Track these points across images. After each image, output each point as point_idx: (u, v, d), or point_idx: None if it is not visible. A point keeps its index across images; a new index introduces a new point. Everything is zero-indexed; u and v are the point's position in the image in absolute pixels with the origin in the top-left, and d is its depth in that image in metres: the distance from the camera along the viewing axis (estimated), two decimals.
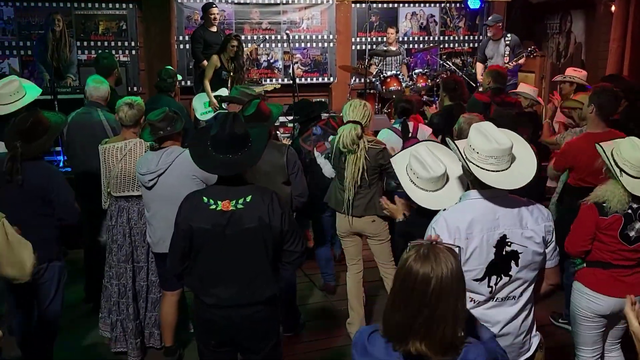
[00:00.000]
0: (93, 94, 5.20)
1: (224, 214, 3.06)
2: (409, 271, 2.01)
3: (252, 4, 9.58)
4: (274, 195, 3.17)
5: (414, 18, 10.49)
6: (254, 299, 3.16)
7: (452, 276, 1.99)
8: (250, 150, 3.14)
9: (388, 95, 8.98)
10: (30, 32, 8.75)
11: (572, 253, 3.75)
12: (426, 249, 2.03)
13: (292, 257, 3.25)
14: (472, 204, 2.79)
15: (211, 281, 3.16)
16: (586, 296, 3.68)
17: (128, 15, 9.13)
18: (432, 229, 2.76)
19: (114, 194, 4.46)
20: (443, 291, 1.98)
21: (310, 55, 10.06)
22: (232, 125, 3.09)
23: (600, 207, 3.57)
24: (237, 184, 3.13)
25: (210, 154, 3.11)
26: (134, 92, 8.85)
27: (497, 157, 2.69)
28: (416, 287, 1.99)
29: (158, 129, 4.09)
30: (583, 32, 10.33)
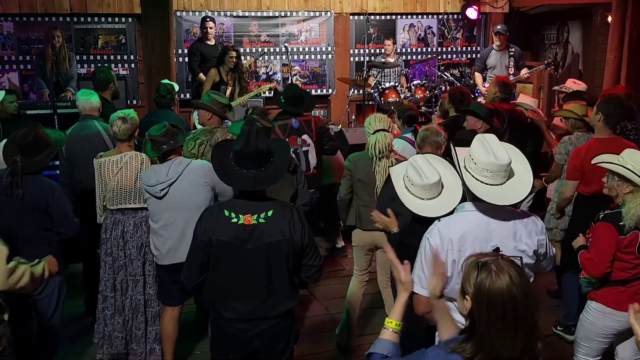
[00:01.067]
0: (86, 107, 5.29)
1: (245, 227, 3.10)
2: (491, 292, 1.99)
3: (250, 17, 9.64)
4: (294, 210, 3.23)
5: (411, 30, 10.54)
6: (273, 313, 3.20)
7: (527, 285, 2.02)
8: (274, 165, 3.19)
9: (386, 106, 8.99)
10: (29, 46, 8.79)
11: (595, 275, 3.67)
12: (496, 265, 2.02)
13: (311, 271, 3.30)
14: (466, 216, 2.81)
15: (231, 294, 3.18)
16: (609, 316, 3.66)
17: (127, 29, 9.19)
18: (427, 239, 2.79)
19: (110, 207, 4.48)
20: (528, 302, 1.99)
21: (308, 67, 10.10)
22: (256, 140, 3.13)
23: (617, 226, 3.56)
24: (259, 198, 3.18)
25: (233, 168, 3.16)
26: (133, 105, 8.90)
27: (492, 171, 2.71)
28: (507, 305, 1.97)
29: (161, 144, 4.12)
30: (580, 43, 10.38)
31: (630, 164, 3.54)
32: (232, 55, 7.72)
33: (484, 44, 10.87)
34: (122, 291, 4.48)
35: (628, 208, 3.52)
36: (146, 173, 4.21)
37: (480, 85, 8.92)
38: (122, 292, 4.48)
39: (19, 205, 3.89)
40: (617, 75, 8.22)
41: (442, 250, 2.70)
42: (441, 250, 2.70)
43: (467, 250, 2.71)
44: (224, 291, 3.19)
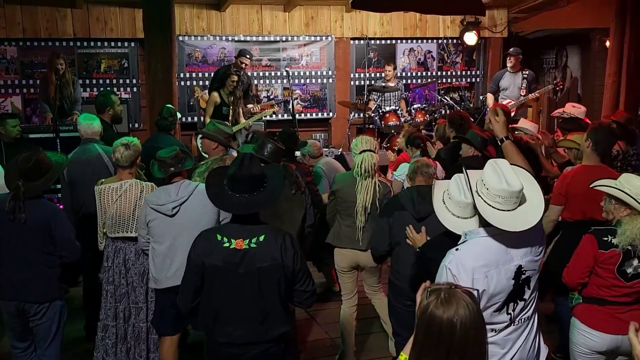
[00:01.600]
0: (87, 131, 5.31)
1: (237, 252, 3.12)
2: (432, 317, 2.01)
3: (252, 41, 9.73)
4: (286, 236, 3.23)
5: (411, 54, 10.63)
6: (266, 337, 3.20)
7: (474, 318, 2.01)
8: (266, 190, 3.22)
9: (387, 130, 9.05)
10: (33, 70, 8.88)
11: (570, 284, 3.78)
12: (447, 293, 2.04)
13: (304, 297, 3.31)
14: (483, 242, 2.81)
15: (223, 319, 3.19)
16: (582, 332, 3.70)
17: (130, 53, 9.28)
18: (448, 269, 2.74)
19: (110, 234, 4.47)
20: (469, 335, 1.99)
21: (309, 91, 10.18)
22: (249, 165, 3.18)
23: (600, 240, 3.61)
24: (252, 223, 3.20)
25: (226, 193, 3.19)
26: (135, 129, 8.95)
27: (504, 197, 2.73)
28: (442, 333, 1.99)
29: (169, 166, 4.18)
30: (579, 67, 10.47)
31: (628, 188, 3.57)
32: (233, 79, 7.81)
33: (483, 68, 10.96)
34: (125, 319, 4.45)
35: (624, 229, 3.54)
36: (154, 193, 4.22)
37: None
38: (125, 320, 4.45)
39: (21, 229, 3.90)
40: (616, 100, 8.28)
41: (467, 281, 2.68)
42: (466, 281, 2.68)
43: (494, 276, 2.74)
44: (217, 315, 3.20)
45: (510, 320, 2.87)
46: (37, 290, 3.99)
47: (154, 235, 4.18)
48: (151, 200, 4.14)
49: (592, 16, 9.35)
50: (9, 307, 4.01)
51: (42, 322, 4.03)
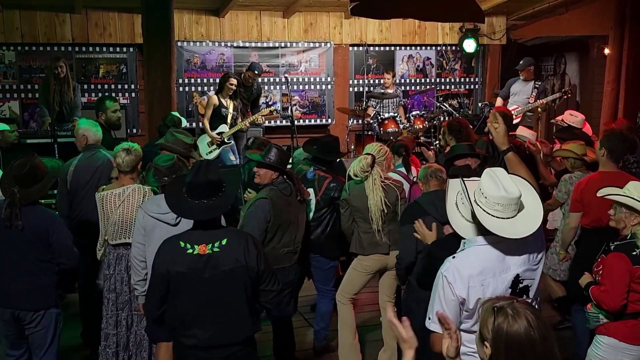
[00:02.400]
0: (94, 137, 5.21)
1: (200, 257, 3.17)
2: (510, 336, 2.00)
3: (251, 47, 9.72)
4: (249, 237, 3.32)
5: (410, 61, 10.63)
6: (232, 340, 3.25)
7: (545, 326, 2.02)
8: (225, 195, 3.28)
9: (386, 137, 9.03)
10: (31, 75, 8.86)
11: (613, 308, 3.60)
12: (512, 309, 2.03)
13: (269, 297, 3.38)
14: (481, 251, 2.80)
15: (190, 323, 3.23)
16: (622, 350, 3.61)
17: (128, 58, 9.27)
18: (444, 277, 2.75)
19: (112, 242, 4.42)
20: (547, 342, 1.99)
21: (308, 97, 10.17)
22: (205, 172, 3.23)
23: (630, 255, 3.56)
24: (213, 227, 3.26)
25: (185, 200, 3.24)
26: (134, 135, 8.92)
27: (503, 204, 2.73)
28: (524, 349, 1.98)
29: (163, 175, 4.12)
30: (577, 74, 10.49)
31: (637, 195, 3.56)
32: (232, 82, 7.87)
33: (482, 75, 10.96)
34: (127, 327, 4.41)
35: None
36: (152, 201, 4.13)
37: None
38: (127, 328, 4.41)
39: (18, 236, 3.85)
40: (614, 107, 8.29)
41: (463, 289, 2.69)
42: (462, 289, 2.69)
43: (490, 285, 2.74)
44: (183, 320, 3.24)
45: None
46: (33, 298, 3.94)
47: (152, 244, 4.06)
48: (150, 209, 4.07)
49: (591, 24, 9.37)
50: (4, 314, 3.96)
51: (37, 330, 3.99)
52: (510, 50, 10.61)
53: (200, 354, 3.23)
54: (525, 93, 8.71)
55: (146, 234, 4.07)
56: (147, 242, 4.09)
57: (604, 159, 4.62)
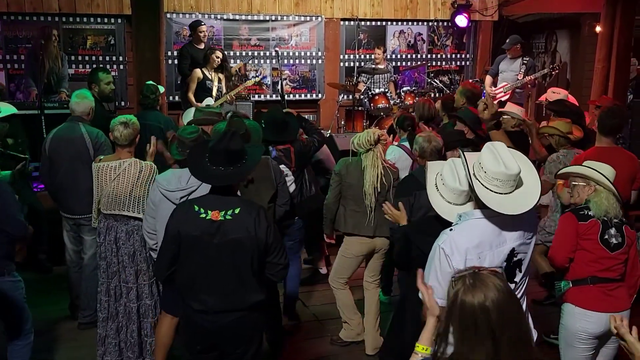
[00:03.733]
0: (75, 109, 5.16)
1: (213, 223, 3.23)
2: (464, 305, 1.98)
3: (241, 20, 9.61)
4: (261, 209, 3.35)
5: (402, 36, 10.57)
6: (239, 306, 3.30)
7: (505, 297, 1.98)
8: (243, 166, 3.32)
9: (376, 112, 9.01)
10: (17, 45, 8.71)
11: (558, 263, 3.83)
12: (472, 278, 2.01)
13: (276, 269, 3.41)
14: (478, 224, 2.82)
15: (199, 287, 3.30)
16: (580, 316, 3.70)
17: (116, 30, 9.13)
18: (441, 249, 2.76)
19: (104, 211, 4.43)
20: (505, 313, 1.96)
21: (298, 71, 10.10)
22: (229, 140, 3.29)
23: (577, 214, 3.74)
24: (228, 196, 3.32)
25: (205, 164, 3.30)
26: (122, 107, 8.85)
27: (502, 180, 2.74)
28: (478, 320, 1.96)
29: (187, 147, 4.02)
30: (568, 52, 10.48)
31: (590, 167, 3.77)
32: (217, 55, 7.86)
33: (473, 52, 10.93)
34: (116, 297, 4.42)
35: (594, 202, 3.71)
36: (166, 176, 4.11)
37: (488, 88, 8.90)
38: (116, 299, 4.42)
39: None
40: (604, 86, 8.29)
41: (460, 261, 2.70)
42: (459, 261, 2.70)
43: (487, 258, 2.77)
44: (192, 284, 3.31)
45: None
46: None
47: (159, 218, 4.06)
48: (162, 183, 4.06)
49: (583, 1, 9.33)
50: None
51: None
52: (501, 27, 10.56)
53: (208, 317, 3.30)
54: (513, 70, 8.70)
55: (155, 206, 4.08)
56: (156, 216, 4.08)
57: (598, 135, 4.75)
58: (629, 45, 8.23)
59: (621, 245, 3.69)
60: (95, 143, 4.99)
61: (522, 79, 8.49)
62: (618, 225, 3.72)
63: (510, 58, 8.77)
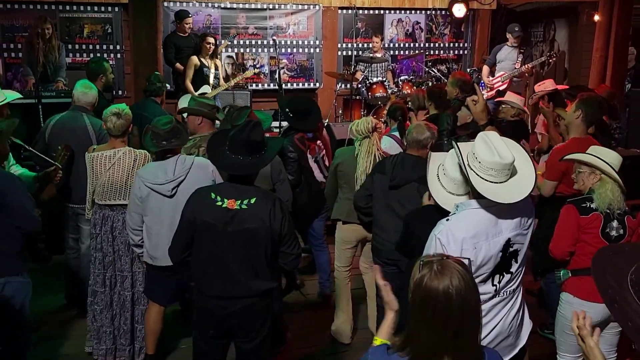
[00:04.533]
0: (81, 99, 5.13)
1: (228, 211, 3.28)
2: (428, 289, 2.00)
3: (238, 9, 9.58)
4: (276, 200, 3.39)
5: (399, 25, 10.54)
6: (251, 292, 3.36)
7: (469, 288, 2.01)
8: (263, 156, 3.37)
9: (374, 101, 9.01)
10: (14, 34, 8.67)
11: (558, 256, 3.83)
12: (439, 264, 2.03)
13: (289, 259, 3.46)
14: (474, 214, 2.84)
15: (211, 273, 3.37)
16: (577, 306, 3.69)
17: (113, 18, 9.08)
18: (437, 239, 2.78)
19: (99, 201, 4.43)
20: (465, 303, 1.99)
21: (296, 60, 10.08)
22: (250, 131, 3.34)
23: (579, 207, 3.73)
24: (245, 185, 3.37)
25: (224, 152, 3.36)
26: (119, 96, 8.80)
27: (497, 169, 2.76)
28: (438, 305, 1.98)
29: (162, 139, 4.02)
30: (566, 41, 10.46)
31: (596, 155, 3.74)
32: (209, 41, 7.84)
33: (471, 41, 10.90)
34: (111, 287, 4.44)
35: (598, 193, 3.69)
36: (150, 170, 4.06)
37: (485, 77, 8.90)
38: (111, 288, 4.44)
39: None
40: (602, 74, 8.31)
41: (456, 250, 2.71)
42: (455, 250, 2.71)
43: (483, 248, 2.78)
44: (205, 269, 3.37)
45: (495, 292, 2.91)
46: None
47: (149, 212, 4.08)
48: (146, 177, 4.02)
49: None
50: None
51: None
52: (500, 16, 10.53)
53: (219, 303, 3.36)
54: (511, 59, 8.71)
55: (142, 202, 4.06)
56: (144, 210, 4.08)
57: (577, 122, 4.62)
58: (627, 34, 8.25)
59: (622, 237, 3.70)
60: (99, 134, 4.97)
61: (520, 68, 8.49)
62: (620, 217, 3.70)
63: (508, 46, 8.78)
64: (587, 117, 4.59)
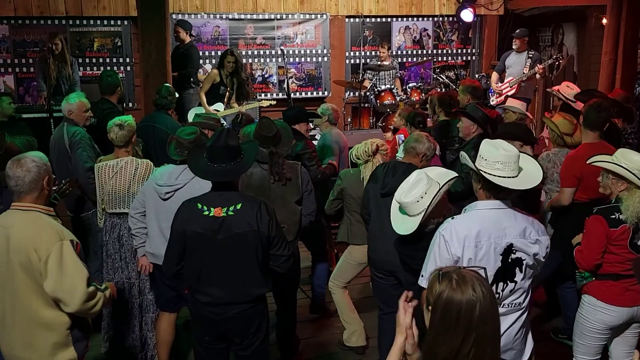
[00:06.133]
0: (63, 110, 5.24)
1: (216, 219, 3.34)
2: (450, 302, 1.99)
3: (246, 20, 9.64)
4: (262, 204, 3.44)
5: (407, 32, 10.56)
6: (244, 298, 3.43)
7: (490, 295, 2.01)
8: (241, 161, 3.42)
9: (382, 109, 9.02)
10: (25, 49, 8.78)
11: (586, 267, 3.78)
12: (458, 275, 2.02)
13: (280, 261, 3.52)
14: (480, 214, 2.92)
15: (205, 281, 3.43)
16: (600, 309, 3.73)
17: (123, 31, 9.18)
18: (441, 236, 2.86)
19: (108, 210, 4.54)
20: (487, 312, 1.99)
21: (304, 69, 10.12)
22: (225, 138, 3.40)
23: (608, 218, 3.66)
24: (229, 192, 3.43)
25: (204, 162, 3.42)
26: (130, 108, 8.89)
27: (503, 162, 2.83)
28: (462, 315, 1.97)
29: (185, 149, 4.08)
30: (575, 45, 10.43)
31: (624, 162, 3.64)
32: (229, 60, 7.65)
33: (479, 46, 10.90)
34: (121, 293, 4.47)
35: (626, 205, 3.62)
36: (162, 171, 4.18)
37: (494, 84, 8.90)
38: (121, 294, 4.47)
39: None
40: (612, 78, 8.26)
41: (458, 247, 2.79)
42: (457, 247, 2.79)
43: (483, 247, 2.84)
44: (199, 278, 3.43)
45: (498, 300, 2.92)
46: None
47: (148, 209, 4.19)
48: (155, 176, 4.18)
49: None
50: None
51: None
52: (507, 21, 10.52)
53: (214, 309, 3.42)
54: (519, 64, 8.70)
55: (145, 196, 4.17)
56: (146, 207, 4.19)
57: (583, 129, 4.68)
58: (636, 37, 8.21)
59: None
60: (70, 141, 5.04)
61: (527, 72, 8.49)
62: None
63: (516, 52, 8.77)
64: (585, 121, 4.62)
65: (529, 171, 2.97)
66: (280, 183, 4.40)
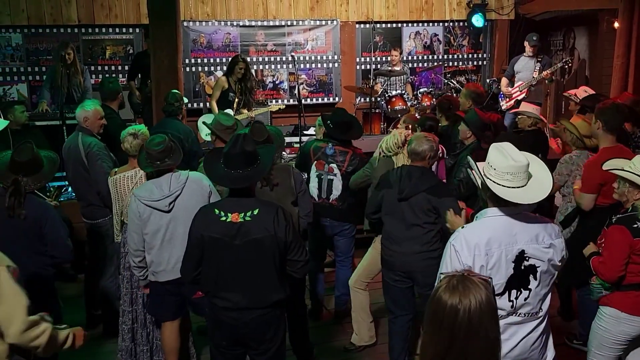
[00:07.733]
0: (79, 117, 5.22)
1: (233, 225, 3.35)
2: (438, 301, 1.97)
3: (257, 26, 9.67)
4: (279, 209, 3.45)
5: (417, 37, 10.55)
6: (261, 303, 3.44)
7: (481, 309, 1.93)
8: (258, 167, 3.43)
9: (393, 114, 9.00)
10: (38, 58, 8.87)
11: (609, 279, 3.68)
12: (456, 280, 1.99)
13: (297, 266, 3.52)
14: (490, 222, 2.87)
15: (222, 286, 3.44)
16: (624, 321, 3.66)
17: (134, 39, 9.26)
18: (452, 246, 2.82)
19: (126, 222, 4.43)
20: (472, 324, 1.92)
21: (315, 75, 10.13)
22: (242, 143, 3.40)
23: (631, 228, 3.60)
24: (246, 198, 3.44)
25: (222, 169, 3.43)
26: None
27: (512, 173, 2.78)
28: (444, 319, 1.94)
29: (155, 159, 4.01)
30: (587, 49, 10.37)
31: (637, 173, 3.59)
32: (240, 66, 7.68)
33: (490, 51, 10.87)
34: (144, 304, 4.46)
35: None
36: (145, 188, 4.06)
37: (504, 88, 8.86)
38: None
39: (13, 227, 3.71)
40: (624, 81, 8.20)
41: (468, 256, 2.76)
42: (468, 256, 2.75)
43: (494, 255, 2.80)
44: (216, 283, 3.45)
45: (513, 309, 2.87)
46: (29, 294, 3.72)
47: (149, 230, 4.09)
48: (142, 195, 4.03)
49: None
50: None
51: None
52: (518, 26, 10.49)
53: (231, 314, 3.43)
54: (529, 69, 8.67)
55: (142, 221, 4.06)
56: (144, 228, 4.08)
57: (600, 132, 4.58)
58: None
59: None
60: (87, 154, 5.01)
61: (537, 76, 8.45)
62: None
63: (525, 57, 8.75)
64: (607, 125, 4.53)
65: (539, 178, 2.89)
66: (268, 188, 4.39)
